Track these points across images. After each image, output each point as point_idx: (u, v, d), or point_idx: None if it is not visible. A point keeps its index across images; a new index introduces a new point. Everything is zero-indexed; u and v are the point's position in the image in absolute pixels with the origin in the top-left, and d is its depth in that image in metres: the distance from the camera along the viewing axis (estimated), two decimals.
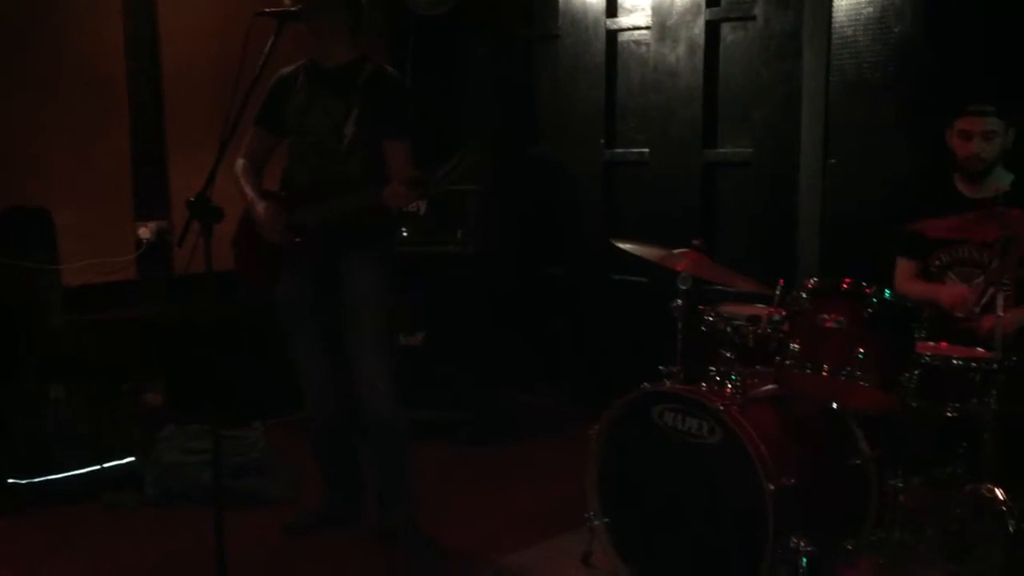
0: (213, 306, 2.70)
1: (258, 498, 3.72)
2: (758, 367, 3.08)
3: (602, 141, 4.91)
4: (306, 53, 3.26)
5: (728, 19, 4.45)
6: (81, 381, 3.93)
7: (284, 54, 3.16)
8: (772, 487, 2.63)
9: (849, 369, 2.74)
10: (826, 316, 2.81)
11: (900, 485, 2.91)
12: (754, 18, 4.32)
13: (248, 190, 3.27)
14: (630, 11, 4.80)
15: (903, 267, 3.49)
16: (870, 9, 3.92)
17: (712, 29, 4.47)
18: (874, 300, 2.76)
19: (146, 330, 4.29)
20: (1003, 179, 3.29)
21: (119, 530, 3.54)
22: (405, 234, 4.44)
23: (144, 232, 4.39)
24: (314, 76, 3.22)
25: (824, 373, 2.78)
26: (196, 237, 2.61)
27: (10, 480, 3.69)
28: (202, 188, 2.61)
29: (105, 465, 3.84)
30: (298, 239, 3.17)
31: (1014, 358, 2.75)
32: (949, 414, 2.87)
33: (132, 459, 3.89)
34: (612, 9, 4.84)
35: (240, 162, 3.31)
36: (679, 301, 3.12)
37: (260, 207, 3.20)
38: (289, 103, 3.23)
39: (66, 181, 4.20)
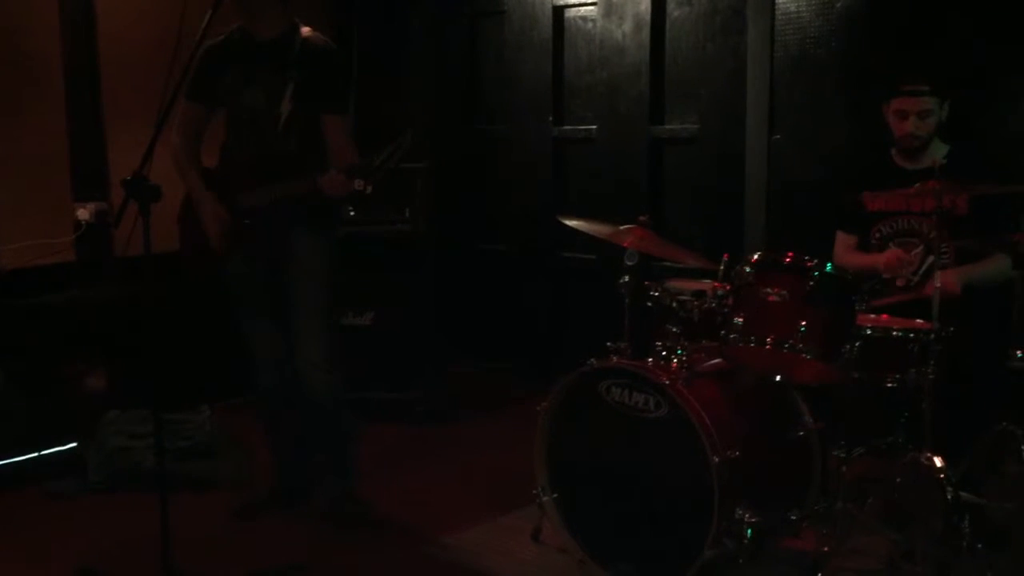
0: (154, 287, 2.66)
1: (205, 482, 3.68)
2: (704, 342, 3.11)
3: (550, 118, 4.90)
4: (237, 22, 3.19)
5: None
6: (20, 365, 3.85)
7: (222, 26, 3.10)
8: (717, 460, 2.66)
9: (792, 342, 2.77)
10: (769, 290, 2.83)
11: (842, 455, 2.96)
12: None
13: (196, 182, 3.20)
14: None
15: (842, 240, 3.54)
16: None
17: (658, 5, 4.47)
18: (815, 274, 2.79)
19: (87, 313, 4.20)
20: (939, 151, 3.34)
21: (61, 518, 3.48)
22: (352, 213, 4.40)
23: (83, 213, 4.29)
24: (247, 49, 3.16)
25: (767, 346, 2.80)
26: (135, 217, 2.56)
27: None
28: (138, 167, 2.56)
29: (45, 451, 3.77)
30: (246, 220, 3.14)
31: (951, 328, 2.80)
32: (889, 384, 2.92)
33: (74, 445, 3.82)
34: None
35: (176, 141, 3.21)
36: (626, 277, 3.13)
37: (208, 211, 3.15)
38: (222, 77, 3.16)
39: (1, 162, 4.09)
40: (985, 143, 3.56)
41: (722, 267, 3.11)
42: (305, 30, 3.17)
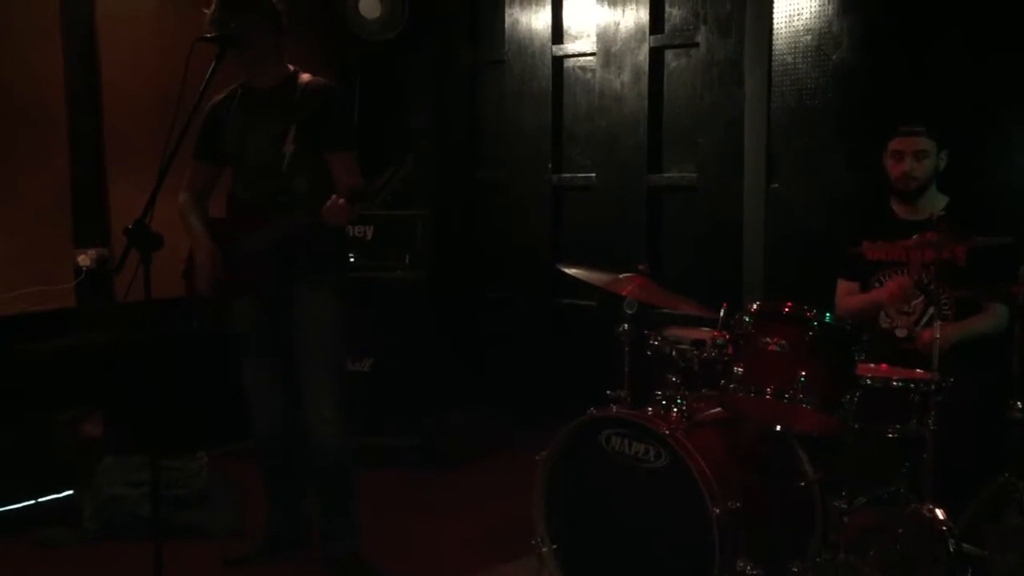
0: (154, 335, 2.66)
1: (201, 530, 3.64)
2: (704, 391, 3.11)
3: (549, 166, 4.93)
4: (239, 78, 3.23)
5: (671, 46, 4.51)
6: (17, 412, 3.82)
7: (224, 80, 3.14)
8: (718, 511, 2.64)
9: (791, 392, 2.76)
10: (768, 340, 2.83)
11: (844, 506, 2.93)
12: (697, 45, 4.39)
13: (195, 226, 3.22)
14: (575, 37, 4.85)
15: (843, 288, 3.55)
16: (808, 37, 4.00)
17: (656, 56, 4.53)
18: (815, 323, 2.79)
19: (86, 359, 4.19)
20: (938, 202, 3.37)
21: (55, 567, 3.44)
22: (353, 259, 4.41)
23: (84, 260, 4.30)
24: (248, 99, 3.20)
25: (767, 396, 2.80)
26: (136, 265, 2.56)
27: None
28: (140, 215, 2.57)
29: (41, 499, 3.73)
30: (252, 266, 3.14)
31: (951, 379, 2.80)
32: (890, 435, 2.91)
33: (70, 492, 3.78)
34: (558, 35, 4.89)
35: (183, 196, 3.26)
36: (625, 326, 3.13)
37: (202, 253, 3.16)
38: (226, 130, 3.20)
39: (2, 207, 4.11)
40: (983, 195, 3.59)
41: (721, 316, 3.11)
42: (305, 76, 3.21)
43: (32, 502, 3.72)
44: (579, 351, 4.74)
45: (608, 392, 3.11)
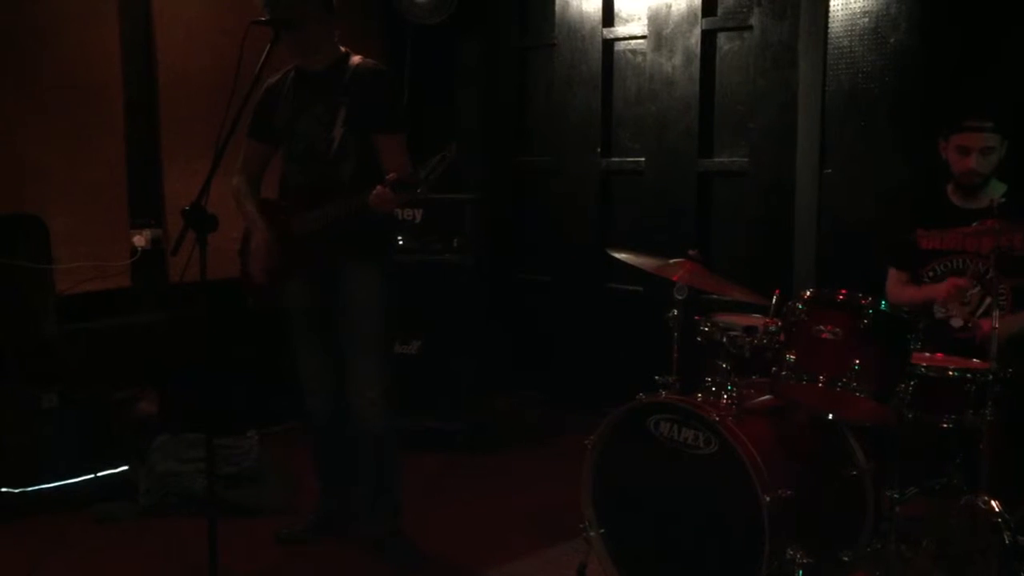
0: (208, 314, 2.70)
1: (251, 508, 3.70)
2: (754, 377, 3.08)
3: (598, 150, 4.91)
4: (292, 60, 3.25)
5: (724, 29, 4.46)
6: (74, 389, 3.91)
7: (279, 61, 3.16)
8: (768, 498, 2.62)
9: (845, 380, 2.73)
10: (822, 327, 2.80)
11: (896, 496, 2.90)
12: (750, 28, 4.33)
13: (250, 211, 3.25)
14: (626, 20, 4.81)
15: (894, 277, 3.49)
16: (865, 20, 3.93)
17: (708, 39, 4.48)
18: (870, 311, 2.75)
19: (141, 338, 4.27)
20: (996, 190, 3.30)
21: (111, 540, 3.51)
22: (401, 242, 4.44)
23: (139, 240, 4.37)
24: (300, 82, 3.22)
25: (820, 384, 2.77)
26: (192, 246, 2.60)
27: (2, 489, 3.67)
28: (196, 197, 2.60)
29: (98, 474, 3.82)
30: (305, 244, 3.16)
31: (1010, 369, 2.75)
32: (945, 425, 2.86)
33: (125, 468, 3.87)
34: (608, 18, 4.85)
35: (236, 179, 3.29)
36: (675, 311, 3.11)
37: (257, 238, 3.19)
38: (278, 112, 3.23)
39: (60, 188, 4.19)
40: None
41: (773, 302, 3.08)
42: (356, 58, 3.22)
43: (91, 476, 3.80)
44: (628, 336, 4.73)
45: (657, 378, 3.09)
